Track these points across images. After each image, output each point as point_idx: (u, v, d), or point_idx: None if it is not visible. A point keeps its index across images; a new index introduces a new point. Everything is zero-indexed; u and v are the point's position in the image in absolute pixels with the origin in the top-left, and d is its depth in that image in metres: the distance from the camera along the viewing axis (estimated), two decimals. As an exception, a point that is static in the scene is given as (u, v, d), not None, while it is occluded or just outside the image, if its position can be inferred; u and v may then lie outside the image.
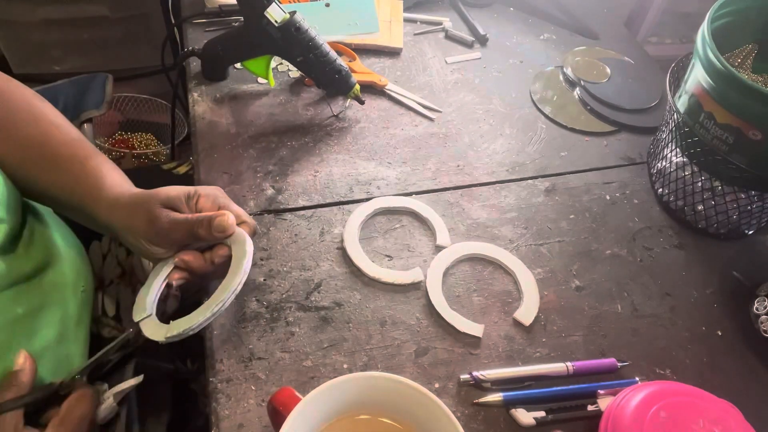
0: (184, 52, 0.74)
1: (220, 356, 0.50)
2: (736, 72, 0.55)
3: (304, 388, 0.42)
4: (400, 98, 0.77)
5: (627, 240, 0.65)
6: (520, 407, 0.50)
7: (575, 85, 0.82)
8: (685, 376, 0.55)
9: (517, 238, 0.63)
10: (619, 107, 0.79)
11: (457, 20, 0.91)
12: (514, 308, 0.57)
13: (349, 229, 0.60)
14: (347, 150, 0.70)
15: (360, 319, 0.55)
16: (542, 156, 0.73)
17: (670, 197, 0.69)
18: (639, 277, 0.62)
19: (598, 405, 0.50)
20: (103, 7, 1.23)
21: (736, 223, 0.66)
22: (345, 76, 0.69)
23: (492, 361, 0.53)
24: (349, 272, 0.58)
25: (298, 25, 0.65)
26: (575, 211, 0.67)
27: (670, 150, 0.67)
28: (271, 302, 0.55)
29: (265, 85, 0.75)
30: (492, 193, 0.67)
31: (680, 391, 0.47)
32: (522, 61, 0.86)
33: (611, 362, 0.54)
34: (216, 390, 0.48)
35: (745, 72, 0.68)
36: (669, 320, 0.59)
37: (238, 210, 0.53)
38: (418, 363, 0.52)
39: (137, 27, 1.29)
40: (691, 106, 0.62)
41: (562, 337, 0.56)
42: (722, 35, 0.62)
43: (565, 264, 0.62)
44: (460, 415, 0.49)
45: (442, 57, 0.85)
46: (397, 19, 0.87)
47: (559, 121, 0.77)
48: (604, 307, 0.59)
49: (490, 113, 0.77)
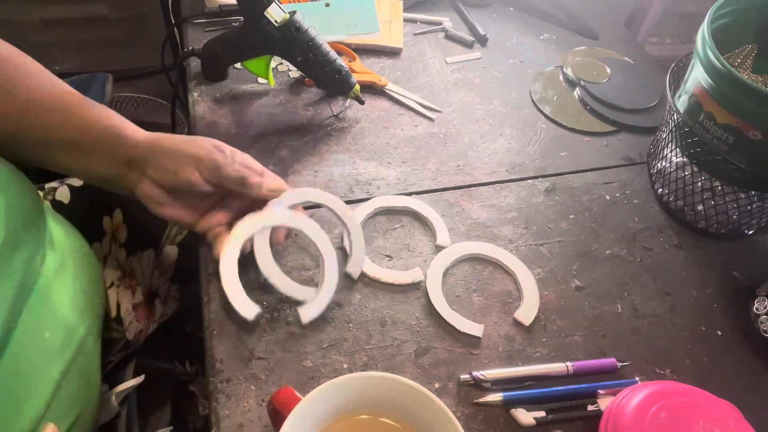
0: (184, 52, 0.74)
1: (220, 356, 0.50)
2: (736, 72, 0.55)
3: (304, 388, 0.42)
4: (400, 98, 0.77)
5: (627, 240, 0.65)
6: (520, 407, 0.50)
7: (575, 85, 0.82)
8: (685, 376, 0.55)
9: (517, 238, 0.63)
10: (619, 107, 0.79)
11: (457, 20, 0.91)
12: (514, 308, 0.57)
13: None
14: (347, 150, 0.70)
15: (360, 319, 0.55)
16: (542, 156, 0.73)
17: (670, 197, 0.69)
18: (639, 277, 0.62)
19: (598, 405, 0.50)
20: (103, 7, 1.22)
21: (736, 223, 0.66)
22: (345, 76, 0.69)
23: (492, 361, 0.53)
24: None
25: (298, 25, 0.65)
26: (575, 211, 0.67)
27: (670, 150, 0.67)
28: (271, 302, 0.55)
29: (265, 85, 0.75)
30: (492, 193, 0.67)
31: (680, 391, 0.47)
32: (522, 61, 0.86)
33: (611, 362, 0.54)
34: (216, 390, 0.48)
35: (745, 72, 0.68)
36: (669, 320, 0.59)
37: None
38: (418, 363, 0.52)
39: (137, 27, 1.29)
40: (691, 106, 0.62)
41: (562, 337, 0.56)
42: (722, 35, 0.62)
43: (565, 264, 0.62)
44: (460, 415, 0.49)
45: (442, 57, 0.85)
46: (397, 19, 0.87)
47: (559, 121, 0.77)
48: (604, 307, 0.59)
49: (490, 113, 0.77)
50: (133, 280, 0.65)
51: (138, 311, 0.65)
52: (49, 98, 0.51)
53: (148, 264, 0.66)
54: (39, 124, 0.50)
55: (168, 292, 0.68)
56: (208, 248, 0.57)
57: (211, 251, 0.55)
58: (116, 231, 0.66)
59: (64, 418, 0.49)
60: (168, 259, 0.68)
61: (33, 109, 0.50)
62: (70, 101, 0.52)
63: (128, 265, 0.65)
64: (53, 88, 0.52)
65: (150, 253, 0.67)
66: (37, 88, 0.51)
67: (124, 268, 0.65)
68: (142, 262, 0.66)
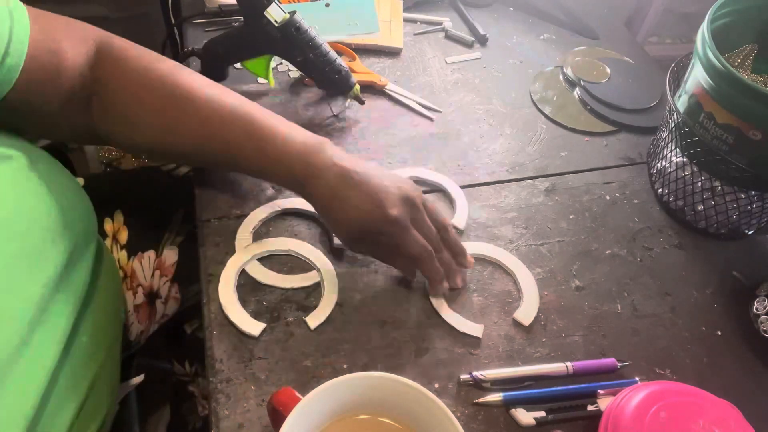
0: (184, 52, 0.74)
1: (220, 356, 0.50)
2: (736, 72, 0.55)
3: (304, 388, 0.42)
4: (400, 98, 0.77)
5: (627, 240, 0.65)
6: (520, 407, 0.50)
7: (575, 85, 0.82)
8: (685, 376, 0.55)
9: (517, 238, 0.63)
10: (619, 107, 0.79)
11: (457, 20, 0.91)
12: (514, 308, 0.57)
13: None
14: (347, 150, 0.69)
15: (360, 319, 0.55)
16: (542, 156, 0.73)
17: (670, 197, 0.69)
18: (639, 277, 0.62)
19: (598, 405, 0.50)
20: (103, 7, 1.22)
21: (736, 223, 0.66)
22: (345, 76, 0.69)
23: (492, 361, 0.53)
24: (349, 272, 0.58)
25: (298, 25, 0.65)
26: (575, 211, 0.67)
27: (670, 150, 0.67)
28: (271, 302, 0.55)
29: (265, 85, 0.75)
30: (492, 193, 0.67)
31: (680, 391, 0.47)
32: (522, 61, 0.86)
33: (611, 362, 0.54)
34: (216, 390, 0.48)
35: (745, 72, 0.68)
36: (669, 320, 0.59)
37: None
38: (418, 363, 0.52)
39: (137, 27, 1.29)
40: (691, 106, 0.62)
41: (562, 337, 0.56)
42: (722, 35, 0.62)
43: (565, 264, 0.62)
44: (460, 415, 0.49)
45: (442, 57, 0.85)
46: (397, 19, 0.87)
47: (559, 121, 0.77)
48: (604, 307, 0.59)
49: (490, 113, 0.77)
50: (135, 282, 0.65)
51: (139, 312, 0.65)
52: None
53: (149, 265, 0.66)
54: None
55: (169, 293, 0.68)
56: (208, 248, 0.57)
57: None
58: (117, 233, 0.67)
59: (91, 422, 0.50)
60: (168, 260, 0.68)
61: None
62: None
63: (129, 266, 0.65)
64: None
65: (151, 255, 0.67)
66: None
67: (126, 269, 0.65)
68: (143, 263, 0.66)
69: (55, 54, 0.48)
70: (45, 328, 0.44)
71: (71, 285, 0.48)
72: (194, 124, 0.53)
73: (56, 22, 0.50)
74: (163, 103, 0.53)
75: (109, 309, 0.56)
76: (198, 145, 0.54)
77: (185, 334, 0.70)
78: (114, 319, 0.58)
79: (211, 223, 0.59)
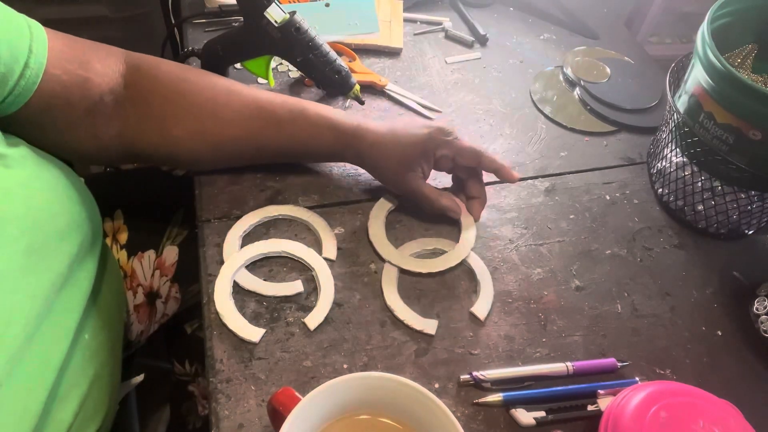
0: (184, 52, 0.74)
1: (220, 356, 0.50)
2: (736, 72, 0.55)
3: (304, 388, 0.42)
4: (400, 98, 0.77)
5: (627, 240, 0.65)
6: (520, 407, 0.50)
7: (575, 85, 0.82)
8: (685, 376, 0.55)
9: (517, 238, 0.63)
10: (619, 107, 0.79)
11: (457, 20, 0.91)
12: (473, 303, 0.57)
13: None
14: (347, 150, 0.69)
15: (360, 319, 0.55)
16: (542, 156, 0.73)
17: (670, 197, 0.69)
18: (639, 277, 0.62)
19: (598, 405, 0.50)
20: (103, 7, 1.22)
21: (736, 223, 0.66)
22: (345, 76, 0.69)
23: (492, 361, 0.53)
24: (349, 272, 0.58)
25: (298, 26, 0.65)
26: (575, 211, 0.67)
27: (670, 150, 0.67)
28: (271, 302, 0.55)
29: (265, 85, 0.75)
30: (492, 193, 0.67)
31: (680, 391, 0.47)
32: (522, 61, 0.86)
33: (611, 362, 0.54)
34: (216, 390, 0.48)
35: (745, 72, 0.68)
36: (669, 320, 0.59)
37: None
38: (418, 363, 0.52)
39: (137, 27, 1.29)
40: (691, 106, 0.62)
41: (562, 337, 0.56)
42: (722, 35, 0.62)
43: (565, 264, 0.62)
44: (460, 415, 0.49)
45: (442, 57, 0.85)
46: (397, 19, 0.87)
47: (559, 121, 0.77)
48: (604, 307, 0.59)
49: (490, 113, 0.77)
50: (135, 282, 0.65)
51: (139, 312, 0.65)
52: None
53: (149, 265, 0.66)
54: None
55: (169, 293, 0.68)
56: (208, 248, 0.57)
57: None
58: (117, 233, 0.67)
59: (91, 422, 0.50)
60: (168, 259, 0.68)
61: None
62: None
63: (129, 266, 0.65)
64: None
65: (150, 254, 0.67)
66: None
67: (126, 269, 0.65)
68: (143, 263, 0.66)
69: (81, 64, 0.50)
70: (52, 325, 0.45)
71: (77, 283, 0.49)
72: (257, 125, 0.58)
73: (82, 41, 0.52)
74: (204, 109, 0.58)
75: (112, 308, 0.56)
76: (270, 147, 0.60)
77: (185, 333, 0.70)
78: (116, 318, 0.58)
79: (211, 223, 0.59)
